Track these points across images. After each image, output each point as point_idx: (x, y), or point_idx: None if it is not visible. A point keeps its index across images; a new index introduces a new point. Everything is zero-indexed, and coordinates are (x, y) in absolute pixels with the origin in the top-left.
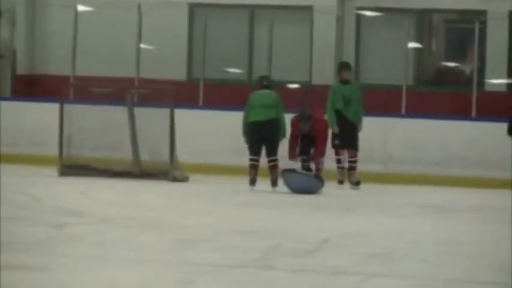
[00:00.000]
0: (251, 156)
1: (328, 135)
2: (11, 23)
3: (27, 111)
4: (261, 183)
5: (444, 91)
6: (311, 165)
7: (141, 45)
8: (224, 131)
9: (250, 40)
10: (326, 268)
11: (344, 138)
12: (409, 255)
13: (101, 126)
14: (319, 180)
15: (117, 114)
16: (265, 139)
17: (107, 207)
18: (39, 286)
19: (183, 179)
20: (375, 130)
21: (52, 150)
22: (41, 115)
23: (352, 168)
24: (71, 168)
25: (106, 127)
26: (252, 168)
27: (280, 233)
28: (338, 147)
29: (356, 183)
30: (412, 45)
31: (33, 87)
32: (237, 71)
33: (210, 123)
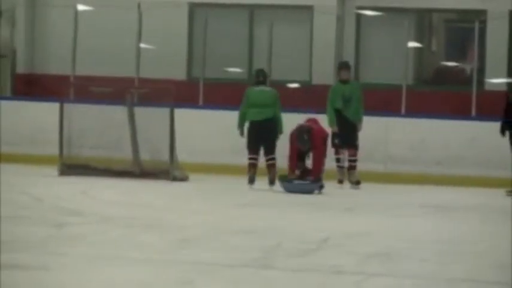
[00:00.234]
0: (250, 156)
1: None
2: (11, 23)
3: (27, 111)
4: (260, 182)
5: (444, 90)
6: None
7: (141, 45)
8: (224, 130)
9: (250, 39)
10: (326, 268)
11: (344, 137)
12: (410, 255)
13: (101, 125)
14: (316, 183)
15: (117, 113)
16: (263, 138)
17: (107, 206)
18: (40, 285)
19: (183, 179)
20: (375, 129)
21: (52, 149)
22: (41, 115)
23: (352, 167)
24: (71, 167)
25: (106, 127)
26: (251, 167)
27: (280, 232)
28: (338, 146)
29: (356, 183)
30: (412, 44)
31: (33, 87)
32: (237, 70)
33: (210, 122)
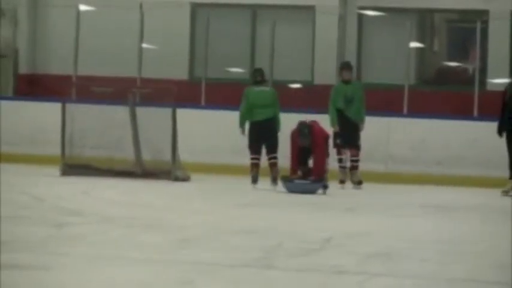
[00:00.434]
0: (252, 155)
1: (327, 148)
2: (13, 23)
3: (29, 111)
4: (262, 182)
5: (446, 91)
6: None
7: (143, 45)
8: (226, 130)
9: (252, 39)
10: (328, 268)
11: (346, 137)
12: (411, 255)
13: (102, 125)
14: (318, 182)
15: (119, 113)
16: (265, 138)
17: (108, 206)
18: (40, 285)
19: (185, 179)
20: (376, 129)
21: (54, 149)
22: (43, 114)
23: (354, 167)
24: (73, 167)
25: (108, 127)
26: (254, 166)
27: (281, 232)
28: (340, 146)
29: (358, 183)
30: (413, 44)
31: (35, 87)
32: (239, 70)
33: (211, 122)
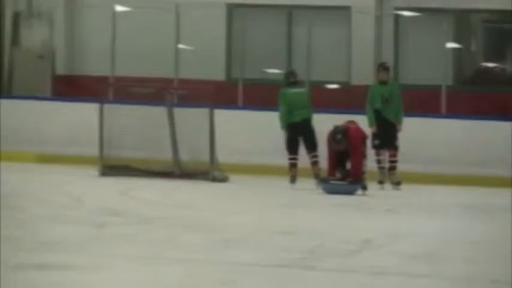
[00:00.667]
0: (290, 156)
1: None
2: (50, 24)
3: (67, 111)
4: (301, 182)
5: (484, 91)
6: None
7: (180, 46)
8: (263, 131)
9: (288, 40)
10: (369, 268)
11: (383, 138)
12: (451, 255)
13: (140, 126)
14: (355, 184)
15: (157, 114)
16: (303, 138)
17: (147, 207)
18: (80, 286)
19: (223, 179)
20: (414, 130)
21: (92, 150)
22: (80, 115)
23: (392, 168)
24: (111, 168)
25: (146, 127)
26: (292, 167)
27: (321, 233)
28: (378, 147)
29: (397, 184)
30: (450, 45)
31: (73, 87)
32: (276, 71)
33: (249, 123)
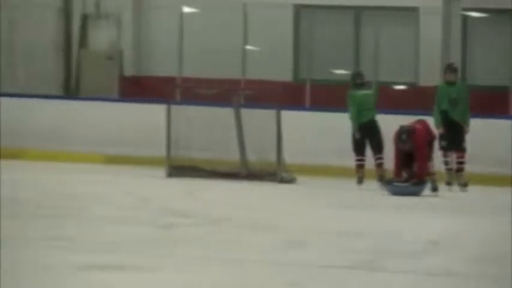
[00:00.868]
0: (357, 157)
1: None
2: (117, 25)
3: (134, 113)
4: (368, 183)
5: None
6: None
7: (247, 46)
8: (330, 131)
9: (356, 41)
10: (436, 270)
11: (451, 139)
12: None
13: (207, 127)
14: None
15: (224, 115)
16: (369, 139)
17: (214, 208)
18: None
19: (290, 180)
20: (481, 132)
21: (159, 151)
22: (147, 116)
23: (460, 169)
24: (178, 169)
25: (212, 128)
26: (359, 167)
27: (388, 234)
28: (445, 148)
29: (464, 185)
30: None
31: (140, 88)
32: (343, 72)
33: (316, 124)
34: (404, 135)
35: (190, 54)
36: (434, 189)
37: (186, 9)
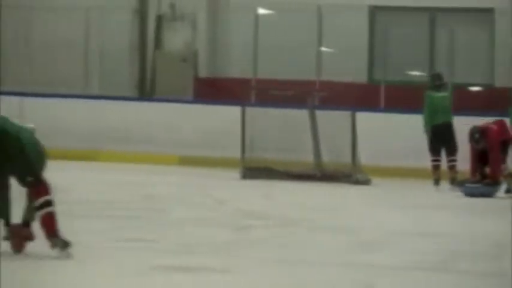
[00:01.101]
0: (433, 158)
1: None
2: (192, 27)
3: (209, 114)
4: (444, 184)
5: None
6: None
7: (322, 48)
8: (406, 133)
9: (431, 42)
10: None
11: None
12: None
13: (282, 128)
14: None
15: (299, 116)
16: (444, 141)
17: (289, 209)
18: None
19: (365, 182)
20: None
21: (234, 152)
22: (222, 117)
23: None
24: (253, 170)
25: (287, 130)
26: (435, 169)
27: (461, 235)
28: None
29: None
30: None
31: (215, 90)
32: (418, 73)
33: (391, 125)
34: (477, 135)
35: (265, 56)
36: (509, 191)
37: (261, 11)
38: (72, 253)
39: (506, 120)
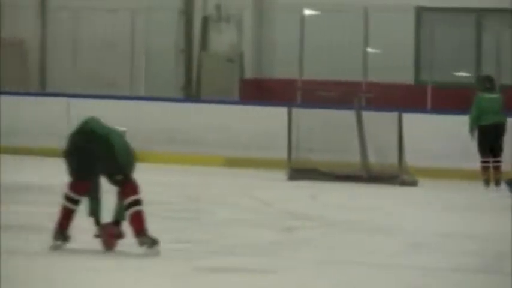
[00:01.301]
0: (482, 159)
1: None
2: (238, 28)
3: (255, 115)
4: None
5: None
6: None
7: (368, 49)
8: (453, 134)
9: (478, 43)
10: None
11: None
12: None
13: (328, 129)
14: None
15: (345, 118)
16: (492, 141)
17: (335, 211)
18: None
19: (412, 183)
20: None
21: (280, 153)
22: (268, 119)
23: None
24: (299, 171)
25: (334, 131)
26: (485, 169)
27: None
28: None
29: None
30: None
31: (261, 91)
32: (465, 74)
33: (438, 126)
34: None
35: (311, 57)
36: None
37: (307, 12)
38: (160, 251)
39: None
